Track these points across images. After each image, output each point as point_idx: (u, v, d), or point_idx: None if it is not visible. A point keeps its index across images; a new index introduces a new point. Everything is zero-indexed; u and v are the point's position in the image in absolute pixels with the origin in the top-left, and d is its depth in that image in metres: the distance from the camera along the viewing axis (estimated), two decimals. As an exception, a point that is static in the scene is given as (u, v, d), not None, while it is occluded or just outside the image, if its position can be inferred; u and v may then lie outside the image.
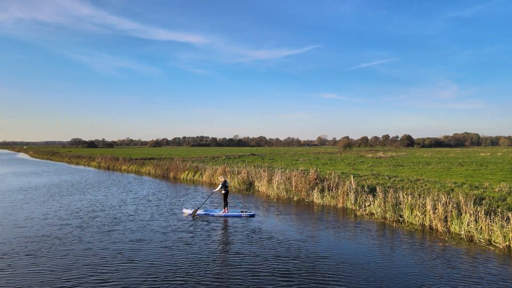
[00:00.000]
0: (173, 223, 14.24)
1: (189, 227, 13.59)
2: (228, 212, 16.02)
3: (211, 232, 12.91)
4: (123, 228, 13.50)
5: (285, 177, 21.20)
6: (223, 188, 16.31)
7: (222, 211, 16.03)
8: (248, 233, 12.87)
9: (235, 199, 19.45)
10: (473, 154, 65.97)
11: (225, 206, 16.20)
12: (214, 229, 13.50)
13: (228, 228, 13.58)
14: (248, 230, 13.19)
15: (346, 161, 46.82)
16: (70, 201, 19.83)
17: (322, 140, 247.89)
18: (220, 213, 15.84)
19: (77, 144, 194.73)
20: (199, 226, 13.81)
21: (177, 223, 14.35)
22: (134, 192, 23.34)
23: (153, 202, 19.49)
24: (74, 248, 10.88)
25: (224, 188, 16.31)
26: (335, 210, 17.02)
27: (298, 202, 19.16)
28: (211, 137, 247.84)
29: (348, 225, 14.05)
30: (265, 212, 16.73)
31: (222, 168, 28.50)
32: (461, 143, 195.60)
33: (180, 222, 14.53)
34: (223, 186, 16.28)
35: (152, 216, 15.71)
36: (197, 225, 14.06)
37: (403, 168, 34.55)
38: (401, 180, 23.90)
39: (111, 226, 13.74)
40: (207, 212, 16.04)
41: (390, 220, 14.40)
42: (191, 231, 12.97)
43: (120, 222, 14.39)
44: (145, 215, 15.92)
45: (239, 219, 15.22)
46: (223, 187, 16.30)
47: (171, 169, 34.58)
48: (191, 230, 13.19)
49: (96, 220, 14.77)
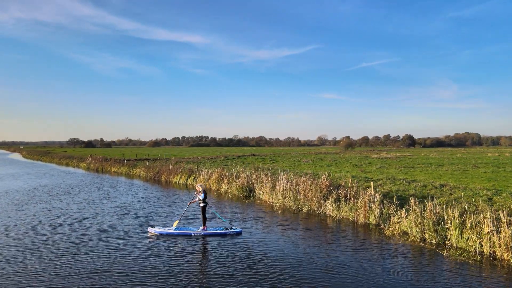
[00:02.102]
0: (147, 244, 11.06)
1: (160, 252, 10.41)
2: (208, 229, 12.77)
3: (186, 259, 9.72)
4: (85, 251, 10.33)
5: (291, 183, 17.98)
6: (202, 200, 12.87)
7: (201, 229, 12.77)
8: (240, 259, 9.69)
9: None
10: (480, 155, 62.84)
11: (204, 222, 12.89)
12: (191, 254, 10.32)
13: (210, 252, 10.38)
14: (241, 254, 10.00)
15: (352, 162, 43.72)
16: (36, 211, 16.64)
17: (323, 140, 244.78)
18: (198, 232, 12.55)
19: (75, 144, 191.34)
20: (170, 251, 10.63)
21: (151, 243, 11.16)
22: (116, 200, 20.14)
23: (133, 212, 16.29)
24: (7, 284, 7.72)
25: (203, 200, 12.92)
26: (355, 226, 13.81)
27: (307, 214, 15.90)
28: (211, 137, 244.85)
29: (374, 248, 10.88)
30: (267, 227, 13.55)
31: (219, 171, 25.23)
32: (462, 143, 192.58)
33: (154, 242, 11.35)
34: (204, 196, 12.84)
35: (124, 233, 12.51)
36: (167, 248, 10.88)
37: (415, 170, 31.73)
38: (423, 186, 20.76)
39: (70, 248, 10.55)
40: (180, 231, 12.64)
41: (430, 242, 11.16)
42: (160, 256, 9.80)
43: (84, 242, 11.19)
44: (117, 231, 12.72)
45: (224, 239, 12.04)
46: (203, 198, 12.87)
47: (163, 172, 31.31)
48: (160, 255, 10.02)
49: (54, 239, 11.58)
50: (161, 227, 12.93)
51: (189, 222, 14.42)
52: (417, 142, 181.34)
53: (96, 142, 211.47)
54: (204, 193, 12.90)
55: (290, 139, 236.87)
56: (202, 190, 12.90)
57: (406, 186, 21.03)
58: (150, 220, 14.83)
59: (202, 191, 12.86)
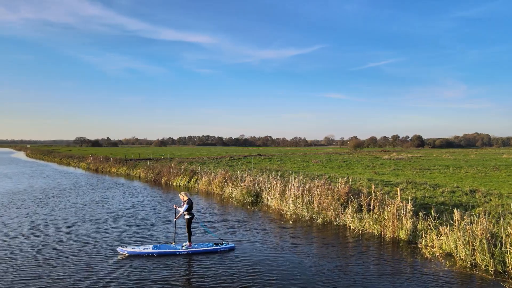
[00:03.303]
0: (118, 268, 8.97)
1: (131, 279, 8.31)
2: (194, 246, 10.60)
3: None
4: (52, 273, 8.23)
5: (304, 188, 15.77)
6: (187, 211, 10.61)
7: (186, 245, 10.51)
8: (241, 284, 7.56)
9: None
10: (495, 156, 59.98)
11: (190, 238, 10.62)
12: (174, 282, 8.20)
13: (200, 277, 8.24)
14: (242, 278, 7.85)
15: (363, 163, 41.35)
16: (14, 217, 14.67)
17: (330, 140, 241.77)
18: (182, 250, 10.28)
19: (81, 143, 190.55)
20: (146, 279, 8.52)
21: (123, 267, 9.08)
22: (107, 204, 18.12)
23: (123, 220, 14.21)
24: None
25: (188, 212, 10.67)
26: (381, 242, 11.56)
27: (323, 225, 13.66)
28: (217, 137, 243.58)
29: (408, 272, 8.65)
30: (277, 240, 11.40)
31: (222, 174, 23.06)
32: (472, 144, 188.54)
33: (127, 266, 9.26)
34: (187, 208, 10.57)
35: (107, 248, 10.44)
36: (142, 274, 8.76)
37: (432, 173, 29.41)
38: (451, 192, 18.44)
39: (36, 269, 8.48)
40: (159, 249, 10.18)
41: (486, 269, 8.87)
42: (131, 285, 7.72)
43: (55, 261, 9.11)
44: (97, 246, 10.65)
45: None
46: (187, 210, 10.59)
47: (163, 173, 29.24)
48: (131, 284, 7.92)
49: (20, 256, 9.52)
50: (135, 247, 10.36)
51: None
52: (426, 143, 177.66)
53: (103, 141, 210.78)
54: (189, 203, 10.62)
55: (297, 139, 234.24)
56: (188, 200, 10.61)
57: (431, 192, 18.75)
58: (141, 230, 12.76)
59: (187, 201, 10.55)
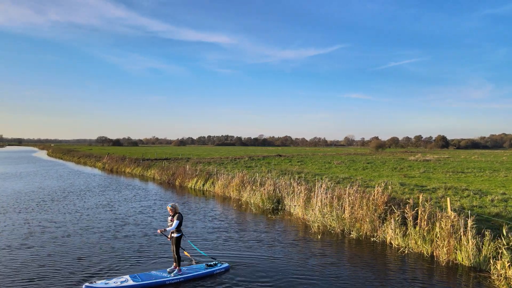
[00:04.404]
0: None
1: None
2: (184, 270, 8.49)
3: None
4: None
5: (333, 195, 13.67)
6: (175, 228, 8.39)
7: (175, 271, 8.38)
8: None
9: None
10: (529, 158, 56.01)
11: (179, 261, 8.50)
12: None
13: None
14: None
15: (389, 165, 38.71)
16: (9, 223, 13.31)
17: (349, 140, 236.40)
18: (172, 277, 8.10)
19: (103, 142, 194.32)
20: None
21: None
22: (114, 209, 16.59)
23: (127, 228, 12.52)
24: None
25: (177, 229, 8.47)
26: (433, 266, 9.35)
27: (358, 241, 11.52)
28: (236, 137, 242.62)
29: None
30: (302, 257, 9.43)
31: (240, 176, 21.12)
32: (499, 145, 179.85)
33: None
34: (178, 224, 8.36)
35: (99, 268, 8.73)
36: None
37: (467, 176, 26.84)
38: (503, 201, 15.99)
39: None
40: (141, 282, 7.70)
41: None
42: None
43: (32, 285, 7.52)
44: (90, 264, 8.98)
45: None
46: (177, 227, 8.39)
47: (178, 175, 27.65)
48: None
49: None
50: (108, 280, 7.72)
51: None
52: (450, 143, 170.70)
53: (124, 140, 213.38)
54: (179, 218, 8.40)
55: (317, 139, 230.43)
56: (178, 215, 8.43)
57: (478, 200, 16.32)
58: (146, 242, 11.05)
59: (177, 217, 8.37)
